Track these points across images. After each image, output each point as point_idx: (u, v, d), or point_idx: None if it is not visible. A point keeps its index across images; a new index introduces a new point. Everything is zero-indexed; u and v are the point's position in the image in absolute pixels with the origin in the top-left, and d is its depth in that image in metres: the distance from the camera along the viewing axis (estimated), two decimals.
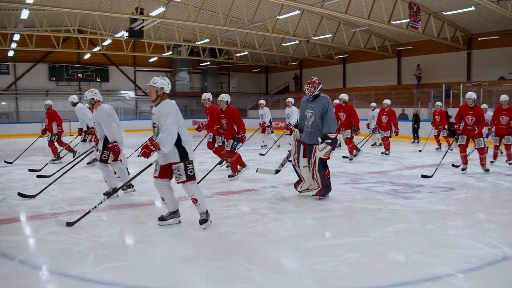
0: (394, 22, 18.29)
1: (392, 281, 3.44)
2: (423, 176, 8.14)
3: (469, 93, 8.55)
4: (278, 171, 7.09)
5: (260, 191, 6.79)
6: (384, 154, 12.02)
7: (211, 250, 4.21)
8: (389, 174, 8.71)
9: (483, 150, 8.71)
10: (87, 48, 26.71)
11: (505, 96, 9.81)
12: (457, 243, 4.32)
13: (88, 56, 28.71)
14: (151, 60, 31.16)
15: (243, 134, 7.92)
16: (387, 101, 12.17)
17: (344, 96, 10.79)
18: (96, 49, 26.29)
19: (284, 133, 14.17)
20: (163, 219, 5.04)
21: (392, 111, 12.02)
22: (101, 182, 7.47)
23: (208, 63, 31.91)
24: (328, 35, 22.20)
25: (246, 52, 29.58)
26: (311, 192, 6.52)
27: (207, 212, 4.95)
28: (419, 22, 17.45)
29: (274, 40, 25.74)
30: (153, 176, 4.90)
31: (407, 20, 17.54)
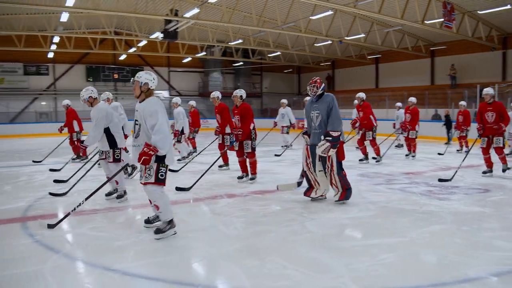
0: (428, 22, 18.00)
1: (429, 281, 3.44)
2: (440, 180, 7.96)
3: (486, 89, 8.30)
4: (300, 183, 6.62)
5: (294, 191, 6.80)
6: (409, 156, 11.60)
7: (248, 248, 4.27)
8: (423, 175, 8.63)
9: (500, 150, 8.36)
10: (122, 49, 27.42)
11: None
12: (493, 245, 4.29)
13: (123, 57, 29.44)
14: (184, 60, 31.56)
15: (240, 132, 7.64)
16: (412, 99, 11.73)
17: (361, 94, 10.67)
18: (132, 50, 26.89)
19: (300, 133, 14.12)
20: (149, 221, 4.92)
21: (416, 110, 11.58)
22: (137, 180, 7.65)
23: (241, 63, 32.12)
24: (361, 35, 22.01)
25: (279, 53, 29.63)
26: (322, 198, 6.34)
27: (171, 222, 4.60)
28: (453, 22, 17.11)
29: (306, 41, 25.71)
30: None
31: (441, 20, 17.27)
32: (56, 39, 23.54)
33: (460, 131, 13.09)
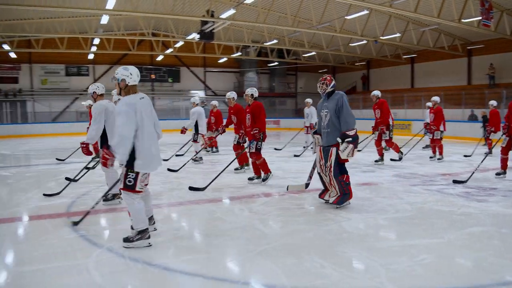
0: (465, 21, 17.58)
1: (467, 283, 3.43)
2: (455, 182, 7.81)
3: None
4: (307, 184, 6.63)
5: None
6: (434, 159, 11.10)
7: (286, 246, 4.31)
8: (460, 176, 8.50)
9: None
10: (160, 50, 27.96)
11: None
12: None
13: (161, 57, 29.97)
14: (220, 61, 31.90)
15: (256, 131, 7.41)
16: (435, 98, 11.36)
17: (376, 92, 10.47)
18: (169, 51, 27.40)
19: (312, 132, 13.92)
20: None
21: (439, 109, 11.16)
22: (176, 178, 7.85)
23: (276, 63, 32.18)
24: (396, 34, 21.77)
25: (314, 53, 29.54)
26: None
27: (143, 233, 4.24)
28: (492, 20, 16.65)
29: (341, 40, 25.51)
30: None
31: (478, 18, 16.85)
32: (96, 41, 24.27)
33: (488, 131, 12.07)
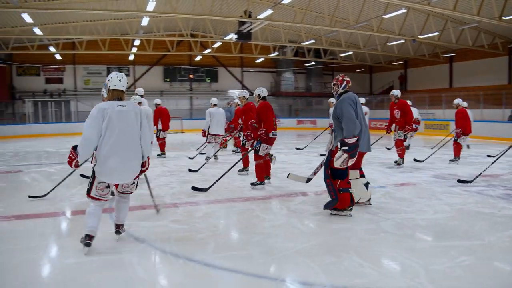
0: (506, 18, 17.09)
1: (509, 286, 3.42)
2: (460, 181, 7.67)
3: None
4: (309, 179, 6.27)
5: (369, 191, 6.81)
6: (454, 161, 10.58)
7: (324, 245, 4.36)
8: (500, 178, 8.29)
9: None
10: (198, 50, 28.41)
11: None
12: None
13: (199, 58, 30.47)
14: (257, 61, 32.17)
15: (263, 131, 7.19)
16: (458, 100, 10.92)
17: (395, 92, 10.03)
18: (207, 51, 27.80)
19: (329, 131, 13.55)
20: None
21: (462, 110, 10.64)
22: (213, 176, 7.97)
23: (312, 63, 32.14)
24: (435, 33, 21.30)
25: (351, 52, 29.34)
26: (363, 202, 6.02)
27: (87, 238, 4.04)
28: None
29: (378, 40, 25.27)
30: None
31: None
32: (136, 42, 24.99)
33: None
